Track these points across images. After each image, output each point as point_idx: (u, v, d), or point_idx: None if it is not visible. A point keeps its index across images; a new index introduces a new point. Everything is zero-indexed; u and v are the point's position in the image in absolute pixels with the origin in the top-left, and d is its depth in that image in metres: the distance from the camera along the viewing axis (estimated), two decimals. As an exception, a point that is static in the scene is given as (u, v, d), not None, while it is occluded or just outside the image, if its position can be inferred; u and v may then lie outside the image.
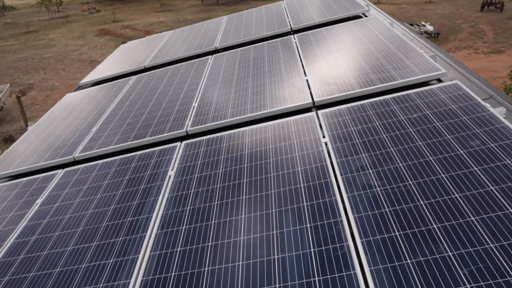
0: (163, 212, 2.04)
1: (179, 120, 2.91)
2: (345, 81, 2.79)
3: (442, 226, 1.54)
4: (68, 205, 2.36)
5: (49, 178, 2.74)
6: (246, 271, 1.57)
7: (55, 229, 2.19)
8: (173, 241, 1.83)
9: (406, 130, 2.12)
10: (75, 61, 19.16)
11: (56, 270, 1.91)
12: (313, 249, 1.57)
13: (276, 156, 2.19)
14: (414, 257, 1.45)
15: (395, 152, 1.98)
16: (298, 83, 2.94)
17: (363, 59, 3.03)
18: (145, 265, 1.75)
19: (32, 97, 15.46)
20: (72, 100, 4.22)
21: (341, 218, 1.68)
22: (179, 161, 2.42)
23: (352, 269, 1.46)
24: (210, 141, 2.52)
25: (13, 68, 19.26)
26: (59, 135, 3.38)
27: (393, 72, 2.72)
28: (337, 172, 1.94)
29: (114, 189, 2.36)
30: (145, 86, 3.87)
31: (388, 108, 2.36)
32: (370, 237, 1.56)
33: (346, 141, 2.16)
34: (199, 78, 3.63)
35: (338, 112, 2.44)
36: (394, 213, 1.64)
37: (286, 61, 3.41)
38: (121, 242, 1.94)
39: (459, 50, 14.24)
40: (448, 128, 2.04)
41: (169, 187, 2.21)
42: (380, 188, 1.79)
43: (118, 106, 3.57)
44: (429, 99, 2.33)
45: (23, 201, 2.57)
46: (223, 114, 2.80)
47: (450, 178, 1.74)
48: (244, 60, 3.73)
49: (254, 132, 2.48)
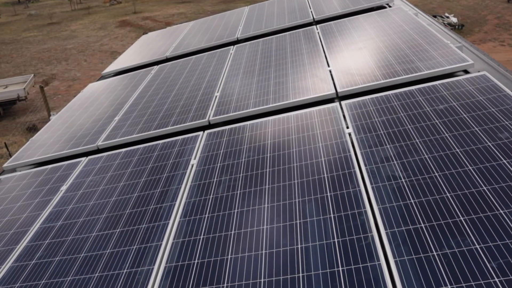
0: (186, 200, 2.05)
1: (201, 110, 2.92)
2: (369, 72, 2.75)
3: (470, 219, 1.51)
4: (92, 192, 2.40)
5: (73, 166, 2.79)
6: (269, 260, 1.57)
7: (80, 215, 2.23)
8: (196, 229, 1.85)
9: (432, 122, 2.08)
10: (96, 52, 19.39)
11: (81, 255, 1.94)
12: (337, 239, 1.56)
13: (299, 146, 2.18)
14: (440, 249, 1.43)
15: (421, 144, 1.95)
16: (321, 74, 2.91)
17: (387, 50, 2.98)
18: (168, 252, 1.77)
19: (55, 88, 15.73)
20: (94, 89, 4.28)
21: (365, 209, 1.66)
22: (201, 150, 2.43)
23: (376, 260, 1.44)
24: (233, 131, 2.52)
25: (36, 58, 19.60)
26: (82, 124, 3.43)
27: (418, 63, 2.66)
28: (361, 163, 1.92)
29: (137, 177, 2.39)
30: (167, 76, 3.89)
31: (413, 99, 2.32)
32: (395, 228, 1.54)
33: (370, 132, 2.13)
34: (221, 68, 3.63)
35: (362, 103, 2.41)
36: (420, 204, 1.62)
37: (309, 52, 3.38)
38: (145, 229, 1.96)
39: (484, 43, 13.90)
40: (476, 120, 2.00)
41: (191, 176, 2.22)
42: (405, 179, 1.76)
43: (140, 96, 3.60)
44: (456, 90, 2.28)
45: (48, 188, 2.62)
46: (245, 104, 2.80)
47: (478, 171, 1.70)
48: (266, 50, 3.72)
49: (277, 122, 2.47)
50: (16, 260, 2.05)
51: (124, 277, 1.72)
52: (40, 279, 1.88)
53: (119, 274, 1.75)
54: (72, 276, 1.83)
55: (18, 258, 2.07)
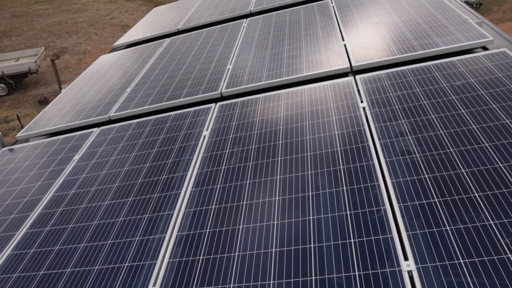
0: (198, 171, 2.05)
1: (214, 82, 2.90)
2: (384, 46, 2.70)
3: (484, 195, 1.49)
4: (105, 162, 2.41)
5: (85, 136, 2.80)
6: (281, 230, 1.58)
7: (92, 184, 2.25)
8: (208, 199, 1.85)
9: (448, 98, 2.05)
10: (107, 26, 19.29)
11: (94, 222, 1.97)
12: (349, 212, 1.56)
13: (312, 119, 2.16)
14: (453, 224, 1.42)
15: (436, 119, 1.92)
16: (336, 48, 2.87)
17: (404, 25, 2.92)
18: (180, 221, 1.78)
19: (66, 61, 15.73)
20: (106, 61, 4.26)
21: (378, 182, 1.65)
22: (213, 122, 2.42)
23: (389, 233, 1.44)
24: (245, 103, 2.51)
25: (47, 32, 19.56)
26: (94, 95, 3.43)
27: (435, 39, 2.61)
28: (375, 137, 1.90)
29: (149, 147, 2.40)
30: (179, 49, 3.86)
31: (429, 74, 2.27)
32: (408, 202, 1.54)
33: (385, 106, 2.10)
34: (234, 41, 3.59)
35: (377, 78, 2.37)
36: (434, 179, 1.60)
37: (323, 26, 3.32)
38: (157, 198, 1.97)
39: (502, 22, 13.56)
40: (494, 97, 1.96)
41: (203, 147, 2.22)
42: (420, 154, 1.74)
43: (152, 68, 3.58)
44: (474, 67, 2.23)
45: (61, 157, 2.64)
46: (258, 77, 2.77)
47: (494, 148, 1.67)
48: (280, 24, 3.66)
49: (290, 95, 2.44)
50: (31, 227, 2.09)
51: (136, 245, 1.74)
52: (54, 245, 1.91)
53: (132, 241, 1.77)
54: (85, 242, 1.86)
55: (32, 224, 2.10)
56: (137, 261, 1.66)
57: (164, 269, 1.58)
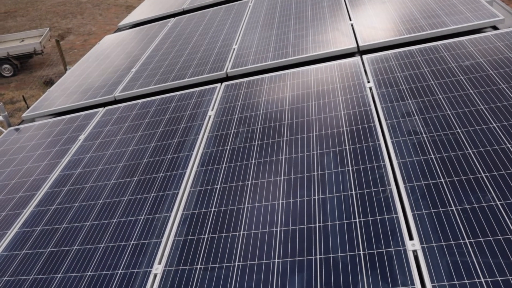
0: (203, 150, 2.05)
1: (219, 62, 2.88)
2: (392, 26, 2.66)
3: (491, 175, 1.48)
4: (110, 141, 2.42)
5: (91, 116, 2.80)
6: (286, 209, 1.58)
7: (98, 163, 2.26)
8: (213, 179, 1.86)
9: (456, 78, 2.02)
10: (111, 6, 19.13)
11: (99, 201, 1.98)
12: (354, 191, 1.56)
13: (318, 99, 2.14)
14: (459, 204, 1.41)
15: (444, 100, 1.90)
16: (342, 28, 2.82)
17: (412, 4, 2.87)
18: (186, 200, 1.79)
19: (71, 42, 15.66)
20: (111, 42, 4.23)
21: (384, 163, 1.64)
22: (219, 102, 2.41)
23: (394, 213, 1.44)
24: (251, 83, 2.49)
25: (51, 12, 19.44)
26: (99, 75, 3.41)
27: (444, 18, 2.56)
28: (381, 117, 1.89)
29: (155, 127, 2.39)
30: (184, 28, 3.82)
31: (438, 54, 2.24)
32: (414, 182, 1.53)
33: (392, 86, 2.08)
34: (239, 21, 3.55)
35: (384, 58, 2.34)
36: (440, 160, 1.59)
37: (330, 5, 3.27)
38: (162, 177, 1.98)
39: (512, 3, 13.29)
40: (503, 77, 1.93)
41: (209, 127, 2.22)
42: (427, 134, 1.73)
43: (157, 48, 3.56)
44: (484, 47, 2.20)
45: (67, 137, 2.65)
46: (264, 57, 2.74)
47: (502, 128, 1.65)
48: (286, 3, 3.60)
49: (296, 75, 2.42)
50: (38, 205, 2.11)
51: (142, 223, 1.75)
52: (61, 223, 1.93)
53: (137, 220, 1.78)
54: (91, 221, 1.87)
55: (39, 203, 2.12)
56: (142, 239, 1.67)
57: (170, 247, 1.59)
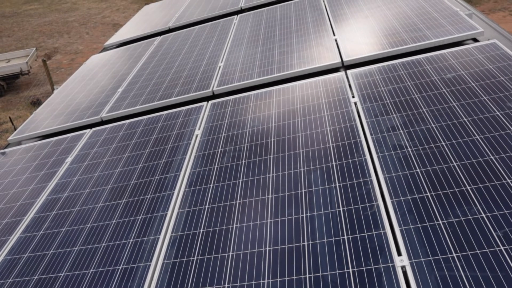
0: (190, 170, 2.05)
1: (205, 80, 2.89)
2: (375, 40, 2.70)
3: (476, 188, 1.49)
4: (97, 163, 2.40)
5: (77, 138, 2.78)
6: (275, 228, 1.58)
7: (85, 186, 2.24)
8: (201, 199, 1.85)
9: (439, 91, 2.05)
10: (98, 25, 19.16)
11: (87, 225, 1.96)
12: (342, 208, 1.56)
13: (304, 115, 2.15)
14: (446, 218, 1.42)
15: (428, 113, 1.92)
16: (327, 43, 2.86)
17: (394, 18, 2.92)
18: (174, 222, 1.78)
19: (57, 61, 15.62)
20: (97, 61, 4.23)
21: (370, 178, 1.65)
22: (205, 121, 2.41)
23: (382, 228, 1.44)
24: (237, 101, 2.50)
25: (38, 32, 19.41)
26: (86, 96, 3.40)
27: (426, 31, 2.60)
28: (367, 132, 1.90)
29: (142, 148, 2.38)
30: (170, 47, 3.84)
31: (420, 68, 2.27)
32: (400, 197, 1.54)
33: (376, 101, 2.10)
34: (225, 38, 3.57)
35: (368, 72, 2.37)
36: (426, 173, 1.61)
37: (314, 21, 3.31)
38: (150, 199, 1.97)
39: (494, 12, 13.58)
40: (485, 89, 1.96)
41: (196, 146, 2.22)
42: (412, 148, 1.74)
43: (144, 67, 3.56)
44: (465, 59, 2.23)
45: (54, 160, 2.63)
46: (250, 74, 2.76)
47: (485, 140, 1.68)
48: (270, 19, 3.64)
49: (281, 91, 2.44)
50: (24, 231, 2.08)
51: (130, 246, 1.74)
52: (48, 249, 1.90)
53: (126, 243, 1.76)
54: (79, 246, 1.85)
55: (26, 229, 2.09)
56: (131, 263, 1.65)
57: (159, 271, 1.58)
